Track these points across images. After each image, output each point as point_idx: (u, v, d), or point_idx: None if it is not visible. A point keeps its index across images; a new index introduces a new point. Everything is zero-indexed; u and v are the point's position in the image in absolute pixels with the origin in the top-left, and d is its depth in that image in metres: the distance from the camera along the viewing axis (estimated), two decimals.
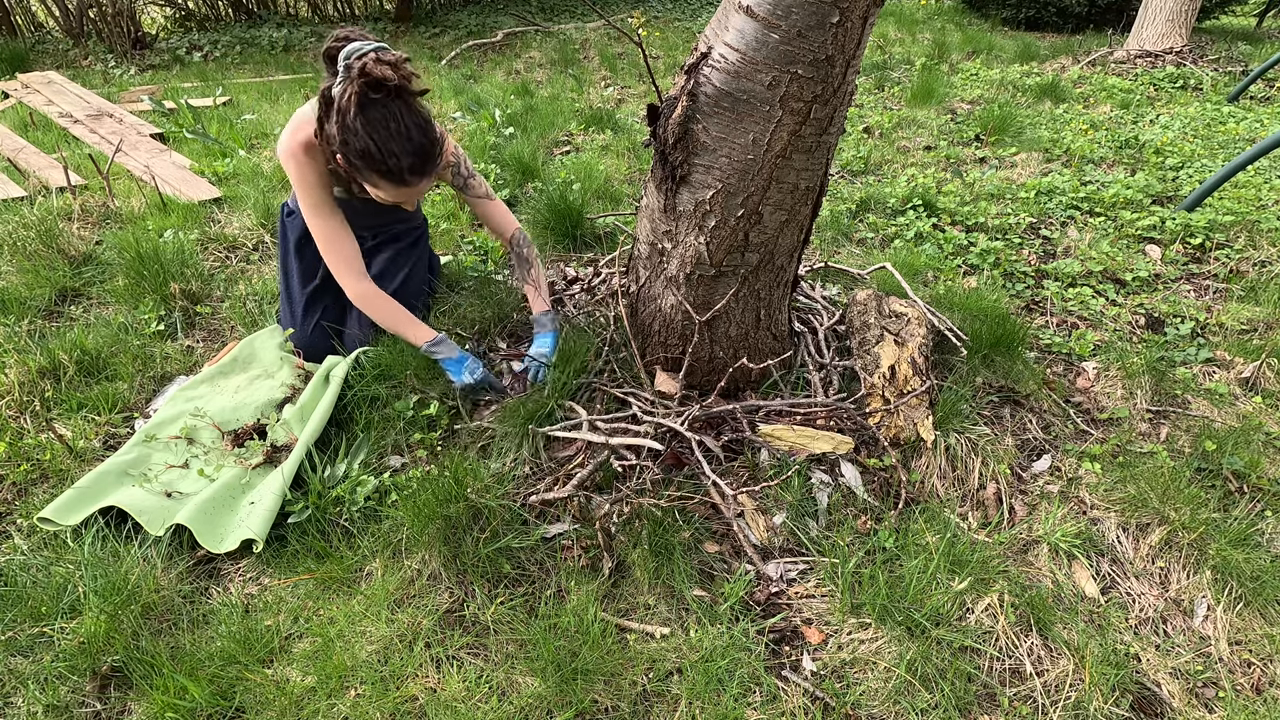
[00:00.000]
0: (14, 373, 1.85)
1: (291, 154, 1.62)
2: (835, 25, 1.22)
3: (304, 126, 1.61)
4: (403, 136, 1.47)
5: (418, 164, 1.50)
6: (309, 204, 1.67)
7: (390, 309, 1.75)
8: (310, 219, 1.69)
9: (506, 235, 1.87)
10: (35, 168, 3.24)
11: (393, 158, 1.47)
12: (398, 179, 1.51)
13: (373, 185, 1.54)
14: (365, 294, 1.73)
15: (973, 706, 1.23)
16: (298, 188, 1.66)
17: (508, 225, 1.87)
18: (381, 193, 1.56)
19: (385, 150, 1.46)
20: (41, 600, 1.33)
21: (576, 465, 1.59)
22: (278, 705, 1.19)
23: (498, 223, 1.87)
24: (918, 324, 1.83)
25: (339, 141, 1.48)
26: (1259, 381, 1.98)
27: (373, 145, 1.45)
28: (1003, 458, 1.67)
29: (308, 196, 1.66)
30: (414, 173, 1.51)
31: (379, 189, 1.55)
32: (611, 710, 1.20)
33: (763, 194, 1.43)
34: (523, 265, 1.87)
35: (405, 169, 1.49)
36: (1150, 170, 3.34)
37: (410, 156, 1.49)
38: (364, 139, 1.45)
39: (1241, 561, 1.42)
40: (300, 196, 1.67)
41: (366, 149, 1.46)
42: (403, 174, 1.50)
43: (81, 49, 6.29)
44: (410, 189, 1.56)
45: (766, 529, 1.51)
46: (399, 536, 1.45)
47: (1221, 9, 7.30)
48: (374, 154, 1.46)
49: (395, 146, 1.46)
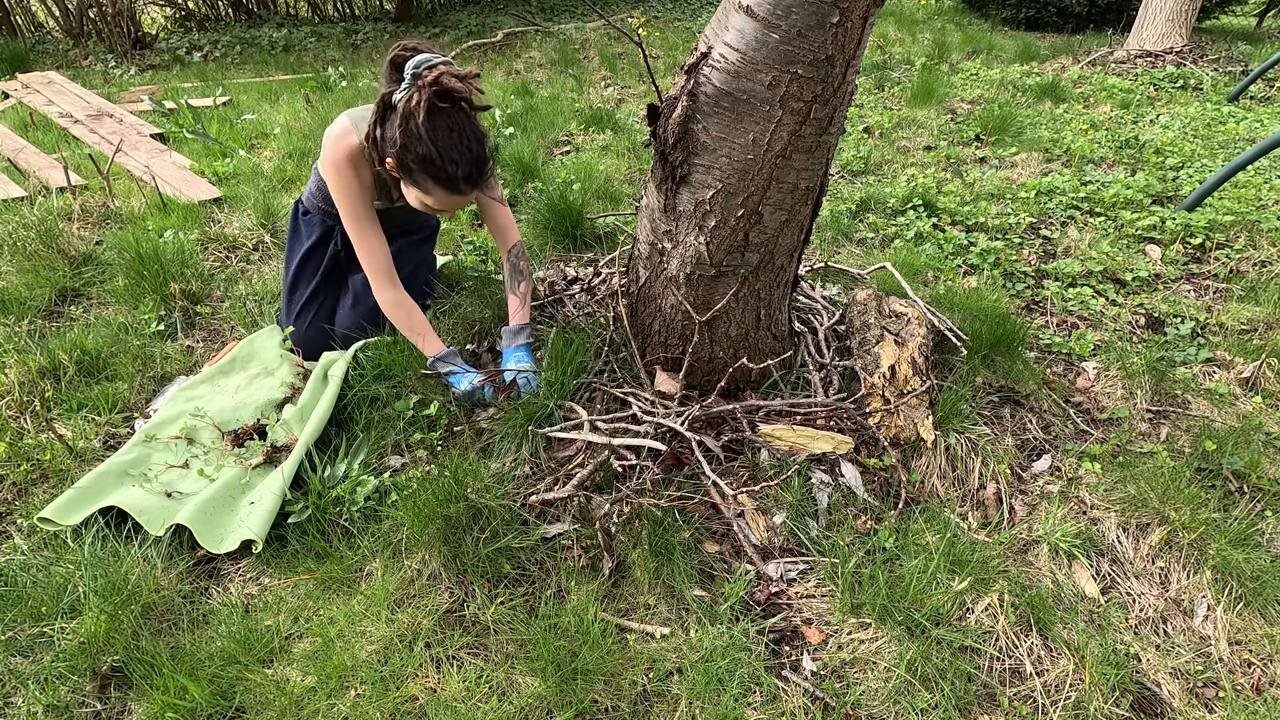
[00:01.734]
0: (14, 373, 1.85)
1: (336, 165, 1.64)
2: (835, 25, 1.22)
3: (346, 136, 1.63)
4: (464, 146, 1.51)
5: (474, 174, 1.55)
6: (351, 213, 1.70)
7: (412, 319, 1.77)
8: (351, 226, 1.72)
9: (509, 244, 1.90)
10: (35, 168, 3.24)
11: (453, 165, 1.51)
12: (453, 187, 1.54)
13: (424, 191, 1.57)
14: (395, 301, 1.76)
15: (973, 706, 1.23)
16: (340, 196, 1.68)
17: (512, 234, 1.91)
18: (430, 200, 1.58)
19: (446, 158, 1.50)
20: (41, 600, 1.33)
21: (576, 465, 1.59)
22: (278, 705, 1.19)
23: (504, 229, 1.90)
24: (918, 324, 1.83)
25: (399, 146, 1.50)
26: (1259, 381, 1.98)
27: (435, 152, 1.49)
28: (1003, 458, 1.67)
29: (352, 206, 1.69)
30: (469, 182, 1.55)
31: (429, 195, 1.57)
32: (611, 710, 1.20)
33: (763, 194, 1.43)
34: (515, 276, 1.89)
35: (462, 178, 1.53)
36: (1150, 170, 3.34)
37: (468, 166, 1.53)
38: (428, 145, 1.48)
39: (1241, 561, 1.42)
40: (342, 205, 1.69)
41: (429, 155, 1.49)
42: (459, 183, 1.54)
43: (81, 49, 6.29)
44: (461, 198, 1.59)
45: (766, 529, 1.51)
46: (399, 536, 1.45)
47: (1221, 9, 7.30)
48: (435, 160, 1.49)
49: (456, 155, 1.50)
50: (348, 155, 1.63)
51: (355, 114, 1.66)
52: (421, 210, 1.65)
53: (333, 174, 1.65)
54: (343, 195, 1.68)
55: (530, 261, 2.10)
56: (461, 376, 1.73)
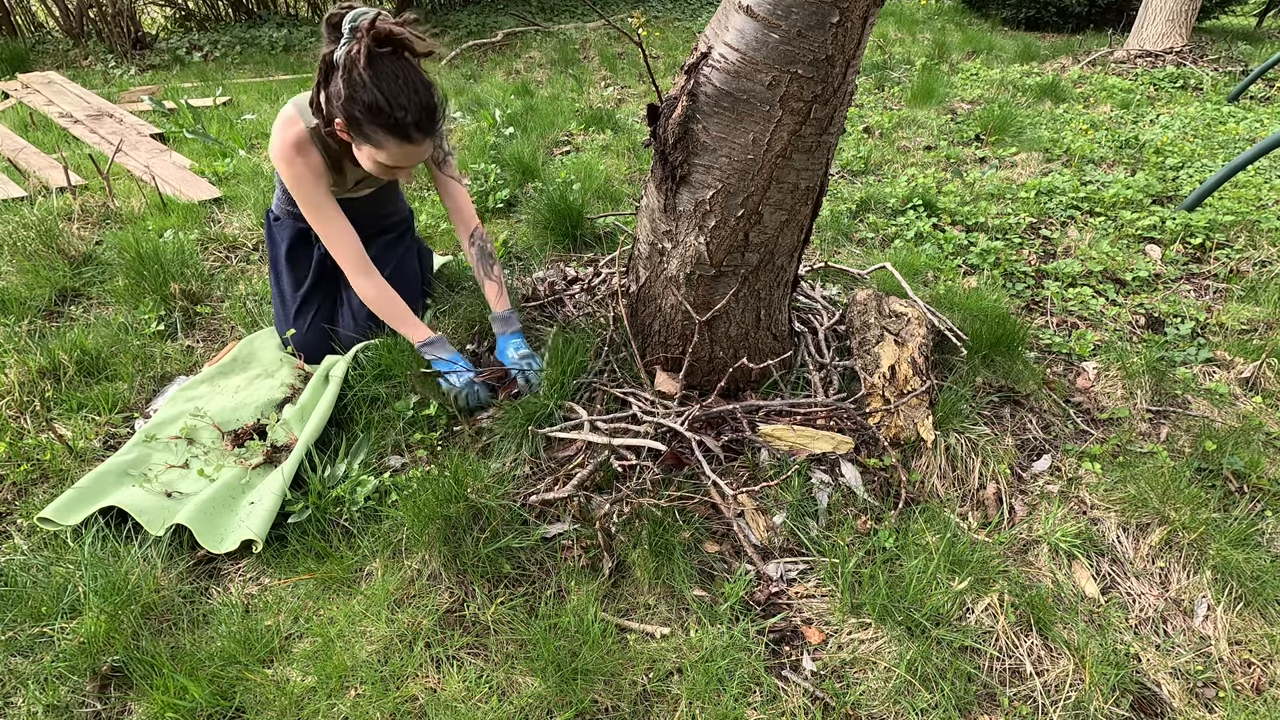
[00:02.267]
0: (14, 373, 1.85)
1: (284, 155, 1.61)
2: (835, 25, 1.22)
3: (292, 125, 1.61)
4: (410, 90, 1.46)
5: (424, 120, 1.50)
6: (308, 202, 1.66)
7: (394, 307, 1.74)
8: (312, 217, 1.69)
9: (471, 225, 1.86)
10: (35, 168, 3.24)
11: (401, 110, 1.46)
12: (404, 134, 1.49)
13: (376, 146, 1.52)
14: (372, 288, 1.73)
15: (973, 706, 1.23)
16: (295, 187, 1.65)
17: (472, 216, 1.87)
18: (384, 155, 1.54)
19: (394, 103, 1.45)
20: (41, 600, 1.33)
21: (576, 465, 1.59)
22: (278, 705, 1.19)
23: (464, 208, 1.85)
24: (918, 324, 1.83)
25: (344, 98, 1.46)
26: (1259, 381, 1.98)
27: (381, 98, 1.44)
28: (1003, 458, 1.67)
29: (307, 195, 1.66)
30: (419, 129, 1.50)
31: (382, 150, 1.52)
32: (611, 710, 1.20)
33: (763, 194, 1.43)
34: (486, 260, 1.86)
35: (412, 124, 1.48)
36: (1150, 170, 3.34)
37: (417, 112, 1.48)
38: (372, 91, 1.44)
39: (1241, 561, 1.42)
40: (298, 196, 1.66)
41: (375, 102, 1.45)
42: (409, 130, 1.49)
43: (81, 49, 6.29)
44: (414, 148, 1.54)
45: (766, 529, 1.51)
46: (399, 536, 1.45)
47: (1221, 9, 7.30)
48: (382, 106, 1.45)
49: (404, 100, 1.46)
50: (294, 143, 1.60)
51: (300, 100, 1.63)
52: (378, 174, 1.60)
53: (284, 166, 1.62)
54: (297, 185, 1.64)
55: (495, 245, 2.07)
56: (456, 374, 1.70)
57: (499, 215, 2.97)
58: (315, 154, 1.64)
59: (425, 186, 3.30)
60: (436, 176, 1.83)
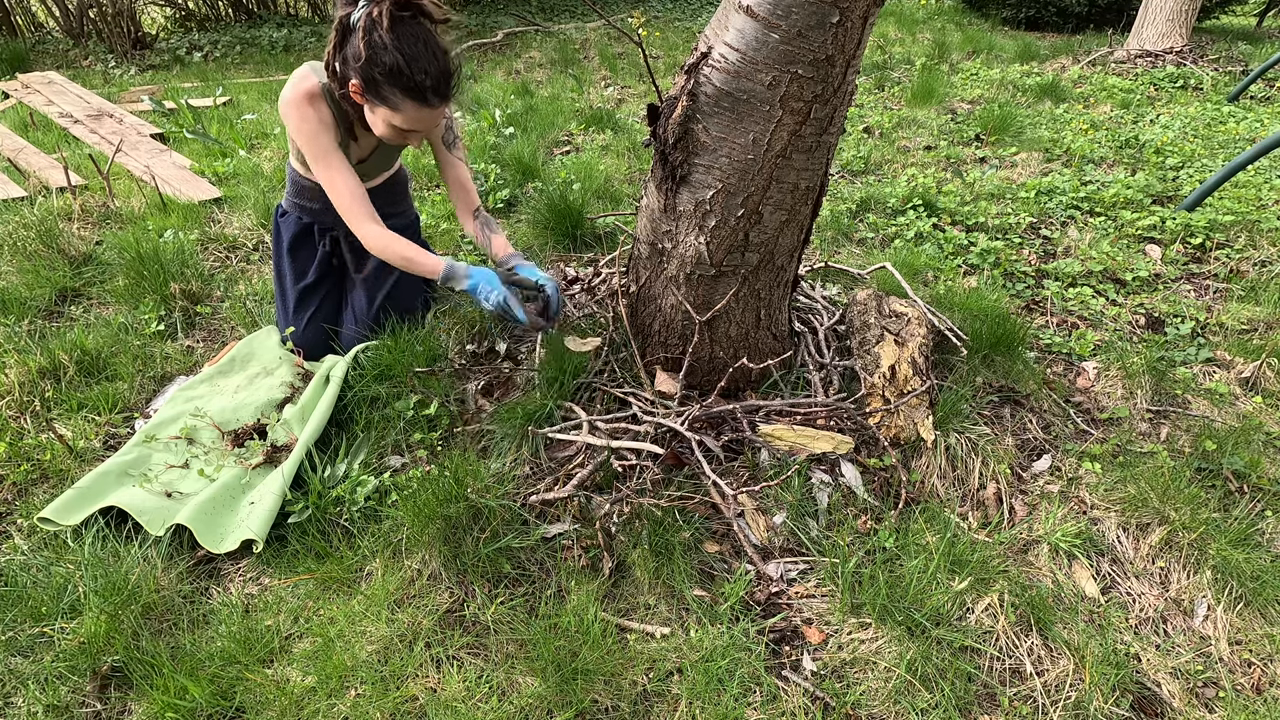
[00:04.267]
0: (14, 373, 1.85)
1: (294, 103, 1.59)
2: (835, 25, 1.22)
3: (307, 78, 1.59)
4: (430, 55, 1.47)
5: (442, 84, 1.51)
6: (314, 151, 1.63)
7: (402, 249, 1.68)
8: (316, 166, 1.65)
9: (474, 204, 1.87)
10: (35, 168, 3.24)
11: (421, 74, 1.46)
12: (422, 98, 1.49)
13: (392, 109, 1.51)
14: (375, 236, 1.69)
15: (973, 706, 1.23)
16: (301, 137, 1.62)
17: (475, 196, 1.88)
18: (399, 119, 1.53)
19: (415, 66, 1.45)
20: (42, 600, 1.33)
21: (576, 465, 1.59)
22: (278, 705, 1.19)
23: (469, 188, 1.86)
24: (918, 324, 1.83)
25: (363, 60, 1.45)
26: (1259, 381, 1.98)
27: (401, 60, 1.44)
28: (1003, 458, 1.67)
29: (313, 144, 1.63)
30: (437, 93, 1.51)
31: (398, 112, 1.52)
32: (611, 710, 1.20)
33: (763, 194, 1.43)
34: (488, 225, 1.87)
35: (430, 88, 1.49)
36: (1150, 170, 3.34)
37: (436, 76, 1.48)
38: (393, 54, 1.44)
39: (1241, 561, 1.42)
40: (305, 146, 1.63)
41: (395, 64, 1.45)
42: (427, 93, 1.49)
43: (81, 49, 6.29)
44: (431, 111, 1.54)
45: (766, 529, 1.51)
46: (399, 536, 1.45)
47: (1221, 9, 7.30)
48: (403, 68, 1.45)
49: (424, 63, 1.46)
50: (306, 93, 1.59)
51: (316, 64, 1.63)
52: (390, 138, 1.59)
53: (293, 114, 1.60)
54: (304, 134, 1.61)
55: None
56: (478, 292, 1.65)
57: (499, 215, 2.97)
58: (326, 108, 1.62)
59: (426, 187, 3.30)
60: (444, 158, 1.82)
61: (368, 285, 1.95)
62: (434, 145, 1.83)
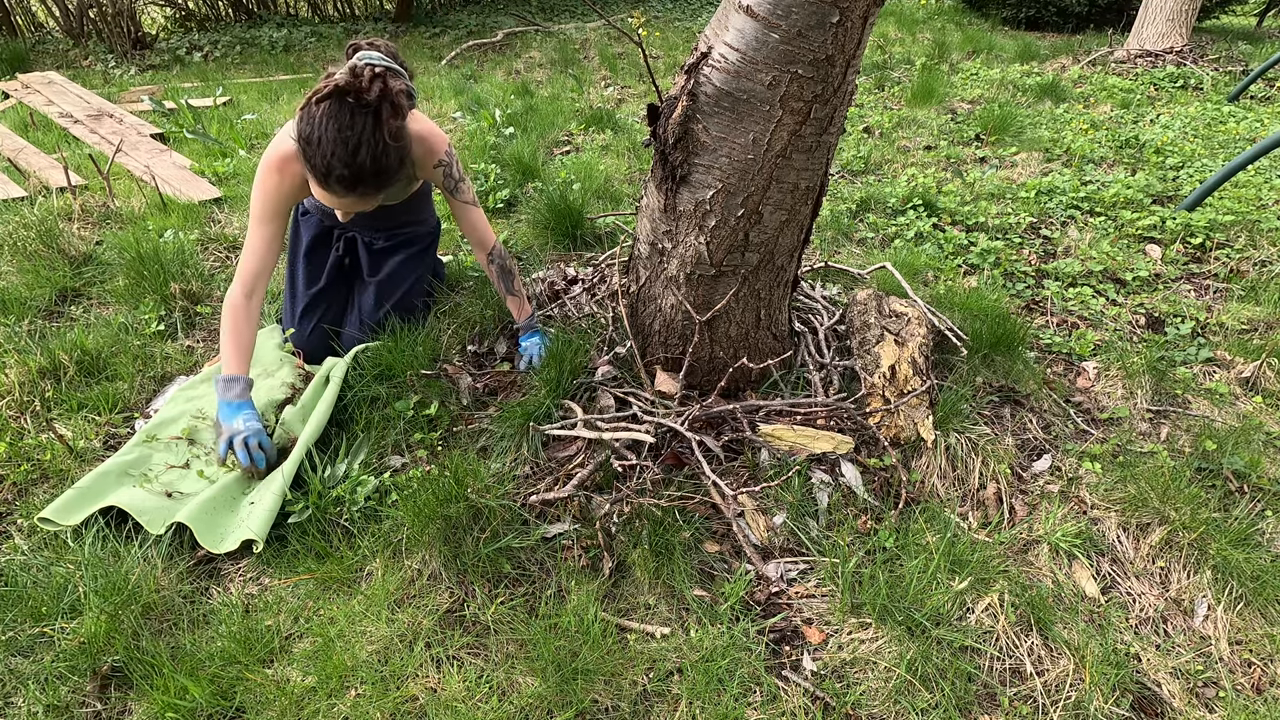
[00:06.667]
0: (14, 373, 1.85)
1: (264, 165, 1.61)
2: (835, 25, 1.22)
3: (284, 141, 1.59)
4: (349, 145, 1.41)
5: (347, 177, 1.44)
6: (255, 211, 1.64)
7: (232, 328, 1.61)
8: (250, 224, 1.66)
9: (487, 246, 1.84)
10: (35, 168, 3.24)
11: (323, 157, 1.42)
12: (322, 178, 1.46)
13: (308, 177, 1.50)
14: (233, 304, 1.63)
15: (973, 706, 1.23)
16: (254, 192, 1.64)
17: (489, 236, 1.85)
18: (313, 189, 1.53)
19: (324, 146, 1.41)
20: (42, 600, 1.33)
21: (576, 465, 1.59)
22: (278, 705, 1.19)
23: (480, 231, 1.84)
24: (918, 324, 1.83)
25: (297, 119, 1.44)
26: (1259, 381, 1.98)
27: (315, 134, 1.41)
28: (1003, 457, 1.67)
29: (257, 204, 1.63)
30: (340, 182, 1.45)
31: (312, 182, 1.50)
32: (611, 710, 1.20)
33: (763, 194, 1.43)
34: (506, 277, 1.86)
35: (332, 174, 1.44)
36: (1150, 170, 3.34)
37: (343, 167, 1.43)
38: (313, 125, 1.41)
39: (1242, 561, 1.42)
40: (253, 201, 1.64)
41: (310, 135, 1.41)
42: (328, 176, 1.44)
43: (81, 49, 6.29)
44: (333, 197, 1.50)
45: (766, 529, 1.51)
46: (399, 536, 1.45)
47: (1221, 9, 7.30)
48: (313, 142, 1.41)
49: (337, 149, 1.41)
50: (280, 157, 1.59)
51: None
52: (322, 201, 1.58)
53: (259, 172, 1.62)
54: (256, 192, 1.63)
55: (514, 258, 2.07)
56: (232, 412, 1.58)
57: (499, 215, 2.97)
58: (292, 176, 1.61)
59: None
60: (450, 203, 1.81)
61: (380, 288, 1.95)
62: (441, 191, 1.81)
